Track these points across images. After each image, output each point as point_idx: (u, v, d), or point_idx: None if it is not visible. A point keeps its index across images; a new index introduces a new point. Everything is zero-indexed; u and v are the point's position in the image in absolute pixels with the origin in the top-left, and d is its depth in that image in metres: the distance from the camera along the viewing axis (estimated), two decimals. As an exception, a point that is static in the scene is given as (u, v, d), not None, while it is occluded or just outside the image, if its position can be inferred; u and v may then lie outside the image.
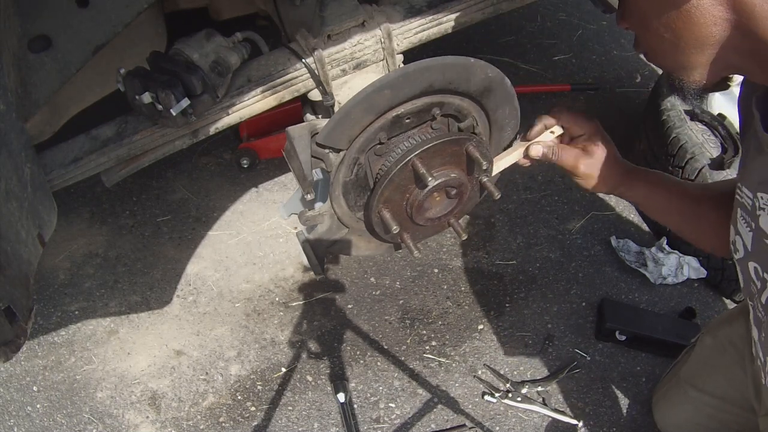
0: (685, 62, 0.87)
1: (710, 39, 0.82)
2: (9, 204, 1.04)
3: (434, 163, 1.32)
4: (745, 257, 1.04)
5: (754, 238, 0.99)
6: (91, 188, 2.47)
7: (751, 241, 1.01)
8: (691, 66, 0.87)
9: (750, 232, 1.01)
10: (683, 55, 0.86)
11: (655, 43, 0.88)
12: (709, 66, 0.86)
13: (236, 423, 1.80)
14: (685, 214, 1.25)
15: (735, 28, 0.80)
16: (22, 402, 1.88)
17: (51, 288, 2.17)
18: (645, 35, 0.89)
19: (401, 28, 1.41)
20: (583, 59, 2.92)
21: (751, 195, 0.98)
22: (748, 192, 0.99)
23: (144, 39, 1.48)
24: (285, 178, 2.49)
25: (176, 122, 1.25)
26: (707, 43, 0.82)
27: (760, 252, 0.98)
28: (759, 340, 1.07)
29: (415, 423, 1.76)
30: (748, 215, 1.01)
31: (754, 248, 1.00)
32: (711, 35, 0.81)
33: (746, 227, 1.02)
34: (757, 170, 0.96)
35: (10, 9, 1.05)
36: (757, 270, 1.00)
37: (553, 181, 2.37)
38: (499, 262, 2.13)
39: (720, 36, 0.81)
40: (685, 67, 0.88)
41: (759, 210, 0.96)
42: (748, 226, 1.01)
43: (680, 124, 1.97)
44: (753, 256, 1.01)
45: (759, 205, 0.95)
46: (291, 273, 2.16)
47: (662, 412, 1.62)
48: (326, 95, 1.41)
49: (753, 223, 0.99)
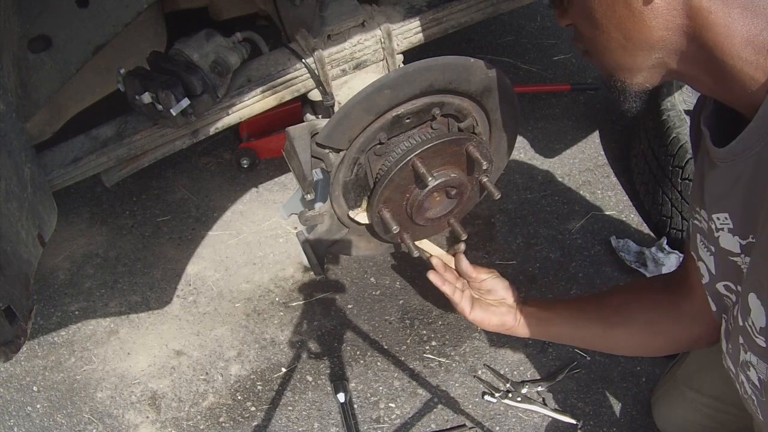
0: (631, 64, 0.85)
1: (660, 43, 0.81)
2: (9, 204, 1.04)
3: (434, 163, 1.32)
4: (710, 282, 1.03)
5: (717, 260, 0.98)
6: (91, 188, 2.47)
7: (714, 264, 0.99)
8: (636, 68, 0.86)
9: (711, 255, 0.99)
10: (630, 56, 0.84)
11: (600, 42, 0.85)
12: (653, 70, 0.85)
13: (236, 423, 1.80)
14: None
15: (686, 35, 0.79)
16: (22, 402, 1.89)
17: (51, 288, 2.17)
18: (590, 32, 0.86)
19: (401, 28, 1.41)
20: (583, 59, 2.91)
21: (707, 217, 0.96)
22: (705, 214, 0.97)
23: (144, 39, 1.48)
24: (285, 178, 2.49)
25: (176, 122, 1.25)
26: (656, 47, 0.81)
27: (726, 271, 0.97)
28: (727, 352, 1.05)
29: (415, 423, 1.77)
30: (706, 239, 0.99)
31: (718, 270, 0.99)
32: (661, 39, 0.80)
33: (707, 252, 1.00)
34: (710, 188, 0.94)
35: (10, 9, 1.05)
36: (729, 286, 0.99)
37: (553, 181, 2.38)
38: (499, 262, 2.13)
39: (670, 41, 0.80)
40: (629, 69, 0.86)
41: (717, 231, 0.94)
42: (708, 250, 0.99)
43: (680, 124, 1.97)
44: (719, 277, 1.00)
45: (716, 226, 0.93)
46: (291, 273, 2.16)
47: (661, 413, 1.62)
48: (326, 95, 1.41)
49: (713, 247, 0.97)
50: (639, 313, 1.25)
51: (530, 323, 1.36)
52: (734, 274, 0.95)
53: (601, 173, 2.39)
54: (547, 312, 1.35)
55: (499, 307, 1.36)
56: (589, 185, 2.35)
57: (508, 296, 1.37)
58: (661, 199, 2.05)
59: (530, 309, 1.36)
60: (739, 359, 0.99)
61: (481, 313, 1.34)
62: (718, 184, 0.90)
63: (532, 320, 1.35)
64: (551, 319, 1.35)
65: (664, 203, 2.04)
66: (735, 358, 1.01)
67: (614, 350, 1.45)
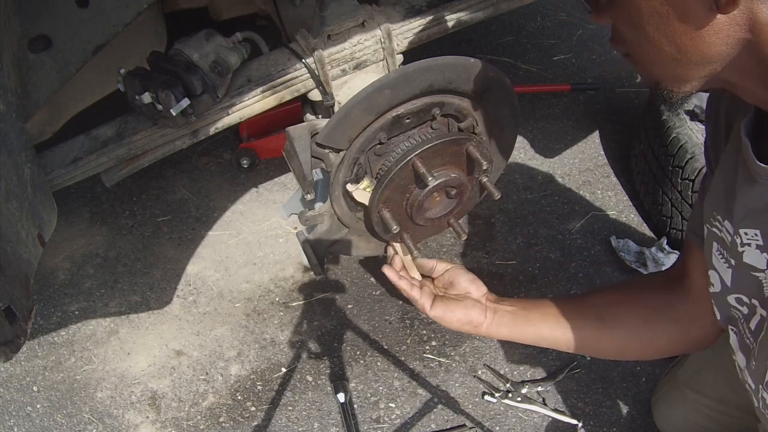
0: (682, 76, 0.80)
1: (717, 57, 0.75)
2: (9, 204, 1.04)
3: (434, 163, 1.32)
4: (722, 292, 0.99)
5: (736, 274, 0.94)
6: (91, 188, 2.47)
7: (731, 276, 0.95)
8: (687, 79, 0.81)
9: (729, 268, 0.95)
10: (682, 69, 0.78)
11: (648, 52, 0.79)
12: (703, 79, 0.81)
13: (236, 423, 1.80)
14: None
15: (745, 48, 0.74)
16: (22, 402, 1.89)
17: (51, 288, 2.17)
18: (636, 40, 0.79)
19: (401, 28, 1.41)
20: (583, 59, 2.92)
21: (731, 230, 0.92)
22: (729, 227, 0.93)
23: (144, 39, 1.48)
24: (285, 178, 2.49)
25: (176, 122, 1.25)
26: (713, 60, 0.76)
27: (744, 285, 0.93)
28: (747, 368, 1.01)
29: (415, 423, 1.77)
30: (726, 251, 0.95)
31: (734, 283, 0.95)
32: (719, 54, 0.75)
33: (724, 262, 0.96)
34: (744, 203, 0.89)
35: (10, 9, 1.05)
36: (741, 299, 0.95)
37: (553, 181, 2.38)
38: (499, 262, 2.13)
39: (727, 54, 0.75)
40: (680, 80, 0.81)
41: (742, 246, 0.90)
42: (727, 263, 0.95)
43: (680, 124, 1.97)
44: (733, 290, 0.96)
45: (742, 241, 0.89)
46: (291, 273, 2.16)
47: (661, 414, 1.62)
48: (326, 95, 1.41)
49: (733, 260, 0.93)
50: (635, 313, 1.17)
51: (503, 322, 1.19)
52: (753, 288, 0.91)
53: (601, 173, 2.40)
54: (525, 311, 1.20)
55: (462, 301, 1.20)
56: (589, 185, 2.35)
57: (473, 289, 1.22)
58: (661, 199, 2.05)
59: (504, 306, 1.21)
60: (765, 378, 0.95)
61: (442, 309, 1.17)
62: (755, 200, 0.86)
63: (506, 319, 1.19)
64: (529, 318, 1.19)
65: (664, 203, 2.04)
66: (759, 375, 0.97)
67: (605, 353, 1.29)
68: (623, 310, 1.18)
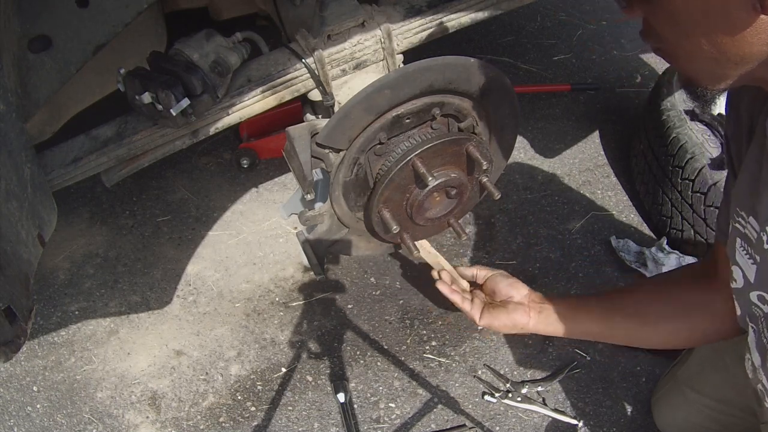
0: (720, 74, 0.79)
1: (756, 57, 0.75)
2: (9, 204, 1.04)
3: (434, 163, 1.32)
4: (745, 288, 0.99)
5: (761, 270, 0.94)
6: (91, 188, 2.47)
7: (755, 273, 0.96)
8: (724, 78, 0.80)
9: (753, 264, 0.95)
10: (720, 68, 0.77)
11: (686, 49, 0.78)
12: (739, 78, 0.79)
13: (236, 423, 1.80)
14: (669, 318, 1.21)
15: None
16: (22, 402, 1.88)
17: (51, 288, 2.17)
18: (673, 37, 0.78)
19: (401, 28, 1.41)
20: (583, 59, 2.92)
21: (758, 228, 0.91)
22: (755, 224, 0.92)
23: (144, 39, 1.48)
24: (285, 178, 2.49)
25: (176, 122, 1.25)
26: (752, 60, 0.75)
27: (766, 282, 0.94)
28: (762, 366, 1.01)
29: (415, 423, 1.76)
30: (750, 247, 0.95)
31: (758, 280, 0.95)
32: (759, 53, 0.73)
33: (748, 259, 0.96)
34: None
35: (10, 9, 1.05)
36: (763, 297, 0.95)
37: (553, 181, 2.38)
38: (499, 262, 2.13)
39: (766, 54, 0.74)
40: (717, 79, 0.80)
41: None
42: (751, 259, 0.95)
43: (680, 124, 1.97)
44: (756, 287, 0.96)
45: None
46: (291, 273, 2.16)
47: (662, 413, 1.62)
48: (326, 95, 1.41)
49: (758, 257, 0.93)
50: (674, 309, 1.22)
51: (551, 321, 1.28)
52: None
53: (601, 173, 2.39)
54: (572, 310, 1.28)
55: (505, 307, 1.30)
56: (589, 185, 2.35)
57: (514, 293, 1.32)
58: (661, 199, 2.05)
59: (549, 306, 1.29)
60: None
61: (489, 318, 1.29)
62: None
63: (553, 318, 1.28)
64: (576, 317, 1.28)
65: (664, 203, 2.04)
66: None
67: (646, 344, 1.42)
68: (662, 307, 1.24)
